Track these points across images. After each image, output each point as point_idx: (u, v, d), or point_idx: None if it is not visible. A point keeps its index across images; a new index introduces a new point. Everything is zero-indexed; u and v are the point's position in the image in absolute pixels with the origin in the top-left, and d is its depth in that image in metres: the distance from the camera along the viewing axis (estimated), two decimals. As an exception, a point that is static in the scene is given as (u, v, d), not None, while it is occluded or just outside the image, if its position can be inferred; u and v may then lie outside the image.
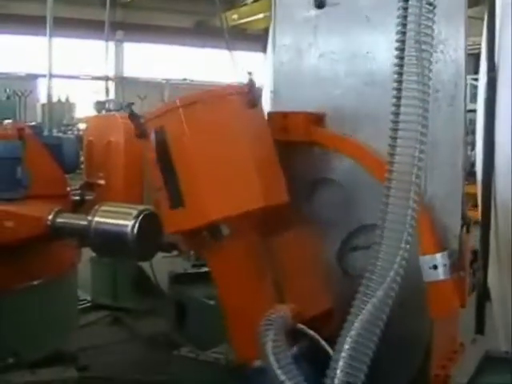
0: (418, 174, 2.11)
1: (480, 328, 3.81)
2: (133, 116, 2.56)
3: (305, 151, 2.77)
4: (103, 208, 3.19)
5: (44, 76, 7.55)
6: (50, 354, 3.70)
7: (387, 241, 2.14)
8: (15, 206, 3.41)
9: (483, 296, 3.76)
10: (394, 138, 2.16)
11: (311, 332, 2.40)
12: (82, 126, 14.66)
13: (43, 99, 15.25)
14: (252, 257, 2.55)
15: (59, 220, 3.37)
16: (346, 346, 2.00)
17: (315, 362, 2.30)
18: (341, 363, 1.98)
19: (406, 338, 2.54)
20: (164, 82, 22.19)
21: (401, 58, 2.15)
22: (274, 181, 2.54)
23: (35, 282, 3.70)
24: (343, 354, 2.00)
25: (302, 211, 2.74)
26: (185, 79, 23.48)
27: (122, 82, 19.99)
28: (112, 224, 3.10)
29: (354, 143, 2.70)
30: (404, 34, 2.14)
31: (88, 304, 5.69)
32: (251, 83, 2.54)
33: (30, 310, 3.68)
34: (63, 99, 18.09)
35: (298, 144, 2.72)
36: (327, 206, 2.76)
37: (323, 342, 2.34)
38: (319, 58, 2.87)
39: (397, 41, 2.17)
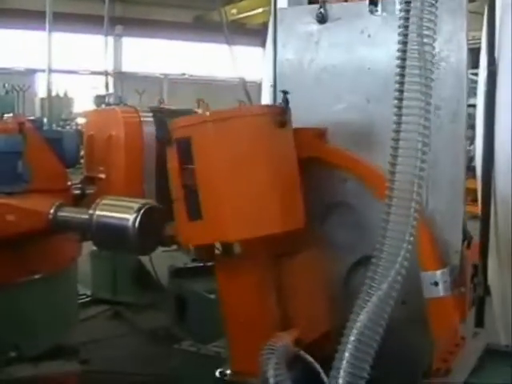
0: (418, 192, 2.10)
1: (480, 321, 3.81)
2: (161, 123, 2.51)
3: (321, 173, 2.76)
4: (104, 202, 3.18)
5: (42, 71, 7.53)
6: (50, 348, 3.70)
7: (386, 255, 2.13)
8: (16, 200, 3.40)
9: (483, 290, 3.76)
10: (395, 156, 2.15)
11: (310, 358, 2.40)
12: (80, 120, 14.60)
13: (41, 94, 15.25)
14: (260, 276, 2.55)
15: (60, 214, 3.36)
16: (352, 338, 2.00)
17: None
18: (346, 354, 1.99)
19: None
20: (163, 76, 22.11)
21: (403, 51, 2.15)
22: (293, 205, 2.52)
23: (35, 276, 3.70)
24: (349, 346, 2.00)
25: (315, 234, 2.73)
26: (183, 74, 23.43)
27: (120, 76, 19.92)
28: (113, 218, 3.09)
29: (355, 159, 2.70)
30: (407, 27, 2.13)
31: (88, 298, 5.69)
32: (285, 103, 2.51)
33: (31, 304, 3.68)
34: (61, 94, 18.06)
35: (306, 161, 2.69)
36: (340, 229, 2.76)
37: (320, 370, 2.34)
38: (321, 72, 2.87)
39: (399, 34, 2.17)
